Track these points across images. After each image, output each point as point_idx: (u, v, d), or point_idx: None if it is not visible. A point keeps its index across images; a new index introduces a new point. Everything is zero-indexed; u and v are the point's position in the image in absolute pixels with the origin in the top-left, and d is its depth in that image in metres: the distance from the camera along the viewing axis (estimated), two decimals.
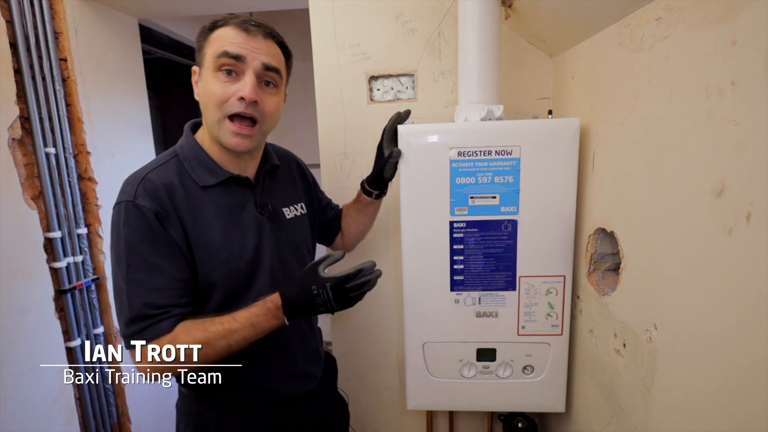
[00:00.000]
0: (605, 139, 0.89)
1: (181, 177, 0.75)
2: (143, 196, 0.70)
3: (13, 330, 1.10)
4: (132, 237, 0.69)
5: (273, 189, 0.88)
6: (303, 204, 0.95)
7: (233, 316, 0.71)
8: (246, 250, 0.78)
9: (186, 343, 0.69)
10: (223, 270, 0.75)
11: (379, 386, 1.39)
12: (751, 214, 0.51)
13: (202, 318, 0.72)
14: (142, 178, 0.72)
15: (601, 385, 0.94)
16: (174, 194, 0.73)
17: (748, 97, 0.51)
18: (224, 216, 0.77)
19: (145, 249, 0.69)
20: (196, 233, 0.74)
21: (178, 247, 0.72)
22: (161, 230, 0.70)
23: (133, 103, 1.59)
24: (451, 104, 1.20)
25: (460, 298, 1.06)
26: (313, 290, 0.71)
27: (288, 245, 0.86)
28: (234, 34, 0.71)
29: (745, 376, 0.52)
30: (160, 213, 0.70)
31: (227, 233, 0.76)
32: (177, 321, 0.71)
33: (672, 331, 0.67)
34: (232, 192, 0.79)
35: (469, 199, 1.01)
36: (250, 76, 0.71)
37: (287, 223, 0.88)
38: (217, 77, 0.71)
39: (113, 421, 1.44)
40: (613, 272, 0.95)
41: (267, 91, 0.75)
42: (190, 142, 0.79)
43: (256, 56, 0.72)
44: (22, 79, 1.15)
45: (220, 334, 0.70)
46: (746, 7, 0.51)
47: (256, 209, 0.81)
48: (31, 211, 1.17)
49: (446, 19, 1.16)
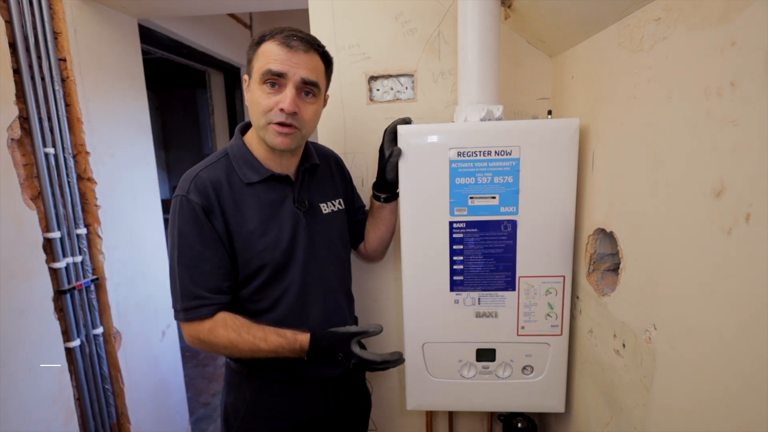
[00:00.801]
0: (605, 139, 0.89)
1: (229, 174, 0.85)
2: (194, 191, 0.81)
3: (13, 330, 1.10)
4: (183, 227, 0.81)
5: (312, 185, 0.96)
6: (341, 200, 1.02)
7: (266, 337, 0.82)
8: (281, 241, 0.86)
9: (220, 337, 0.81)
10: (260, 258, 0.85)
11: (378, 386, 1.39)
12: (750, 214, 0.51)
13: (242, 320, 0.83)
14: (195, 175, 0.83)
15: (600, 385, 0.94)
16: (220, 190, 0.83)
17: (747, 97, 0.51)
18: (264, 210, 0.86)
19: (194, 238, 0.81)
20: (237, 225, 0.84)
21: (221, 238, 0.82)
22: (207, 223, 0.81)
23: (133, 103, 1.59)
24: (450, 104, 1.20)
25: (460, 298, 1.06)
26: (339, 356, 0.82)
27: (323, 238, 0.94)
28: (277, 50, 0.79)
29: (745, 377, 0.52)
30: (207, 207, 0.81)
31: (265, 225, 0.85)
32: (217, 309, 0.83)
33: (671, 331, 0.67)
34: (273, 188, 0.88)
35: (469, 200, 1.01)
36: (291, 90, 0.79)
37: (324, 218, 0.95)
38: (262, 89, 0.80)
39: (112, 422, 1.44)
40: (612, 272, 0.96)
41: (306, 100, 0.83)
42: (239, 143, 0.89)
43: (296, 71, 0.80)
44: (21, 79, 1.15)
45: (248, 346, 0.81)
46: (746, 7, 0.51)
47: (293, 204, 0.89)
48: (31, 211, 1.17)
49: (446, 19, 1.16)
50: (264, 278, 0.87)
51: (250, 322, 0.84)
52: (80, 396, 1.32)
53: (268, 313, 0.89)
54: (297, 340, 0.83)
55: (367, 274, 1.31)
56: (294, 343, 0.82)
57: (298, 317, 0.90)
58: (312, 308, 0.92)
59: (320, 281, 0.93)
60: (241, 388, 0.93)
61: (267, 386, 0.93)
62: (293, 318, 0.89)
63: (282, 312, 0.89)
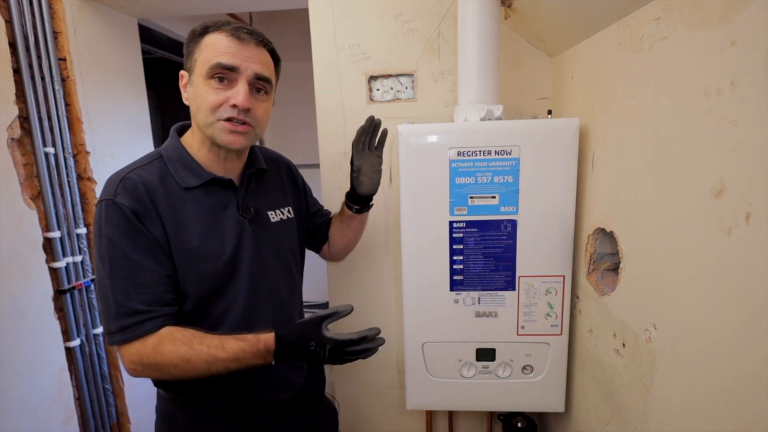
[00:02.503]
0: (605, 139, 0.89)
1: (164, 178, 0.76)
2: (123, 194, 0.71)
3: (12, 330, 1.10)
4: (113, 234, 0.70)
5: (259, 192, 0.87)
6: (290, 208, 0.93)
7: (222, 344, 0.70)
8: (224, 252, 0.77)
9: (169, 354, 0.69)
10: (200, 270, 0.75)
11: (378, 386, 1.39)
12: (750, 214, 0.51)
13: (192, 331, 0.72)
14: (122, 177, 0.73)
15: (600, 384, 0.94)
16: (155, 194, 0.73)
17: (747, 97, 0.51)
18: (204, 217, 0.77)
19: (126, 246, 0.70)
20: (175, 233, 0.74)
21: (159, 243, 0.72)
22: (141, 227, 0.71)
23: (133, 103, 1.59)
24: (450, 104, 1.20)
25: (460, 297, 1.06)
26: (311, 346, 0.71)
27: (271, 248, 0.85)
28: (226, 42, 0.71)
29: (745, 376, 0.53)
30: (140, 211, 0.71)
31: (206, 234, 0.76)
32: (163, 323, 0.71)
33: (671, 331, 0.67)
34: (214, 194, 0.79)
35: (469, 199, 1.01)
36: (243, 85, 0.72)
37: (272, 227, 0.86)
38: (209, 84, 0.72)
39: (112, 422, 1.44)
40: (612, 272, 0.96)
41: (258, 98, 0.76)
42: (175, 144, 0.80)
43: (249, 65, 0.72)
44: (21, 78, 1.15)
45: (203, 358, 0.69)
46: (745, 7, 0.51)
47: (237, 211, 0.80)
48: (31, 211, 1.17)
49: (446, 19, 1.16)
50: (205, 292, 0.76)
51: (201, 332, 0.72)
52: (80, 396, 1.32)
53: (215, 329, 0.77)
54: (260, 340, 0.71)
55: (367, 274, 1.31)
56: (257, 344, 0.71)
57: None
58: (259, 324, 0.80)
59: (269, 295, 0.83)
60: (175, 418, 0.82)
61: (204, 416, 0.81)
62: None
63: (229, 327, 0.78)
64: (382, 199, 1.26)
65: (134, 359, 0.70)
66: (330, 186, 1.28)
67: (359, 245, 1.30)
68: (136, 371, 0.71)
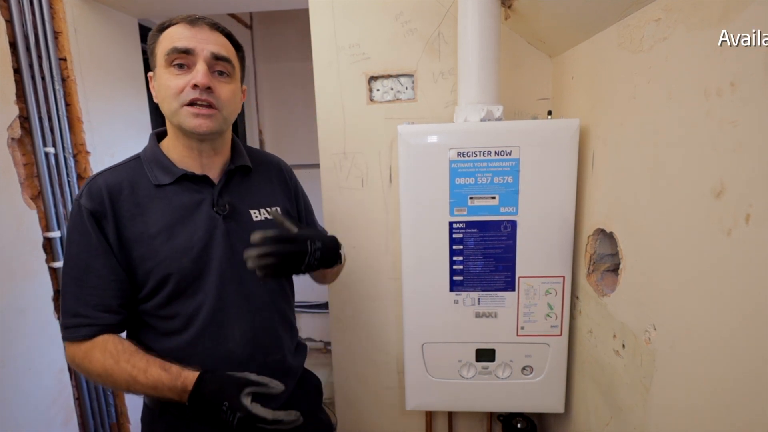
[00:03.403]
0: (605, 139, 0.89)
1: (136, 178, 0.77)
2: (86, 196, 0.73)
3: (12, 330, 1.10)
4: (72, 234, 0.73)
5: (241, 189, 0.84)
6: (278, 208, 0.88)
7: (147, 368, 0.69)
8: (191, 248, 0.75)
9: (95, 362, 0.70)
10: (164, 267, 0.74)
11: (378, 386, 1.39)
12: (750, 215, 0.51)
13: (127, 346, 0.72)
14: (92, 179, 0.75)
15: (600, 385, 0.94)
16: (118, 194, 0.74)
17: (747, 98, 0.51)
18: (174, 213, 0.76)
19: (82, 246, 0.72)
20: (138, 231, 0.74)
21: (111, 247, 0.73)
22: (96, 230, 0.72)
23: (133, 103, 1.59)
24: (450, 105, 1.20)
25: (460, 298, 1.06)
26: (224, 406, 0.66)
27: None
28: (180, 30, 0.73)
29: (745, 377, 0.52)
30: (98, 212, 0.72)
31: (172, 230, 0.75)
32: (98, 331, 0.72)
33: (671, 332, 0.67)
34: (187, 190, 0.78)
35: (469, 200, 1.01)
36: (201, 65, 0.72)
37: (253, 225, 0.82)
38: (169, 71, 0.73)
39: (112, 421, 1.44)
40: (612, 273, 0.96)
41: (220, 79, 0.75)
42: (152, 145, 0.81)
43: (204, 46, 0.73)
44: (21, 78, 1.15)
45: (124, 377, 0.69)
46: (745, 8, 0.51)
47: (212, 207, 0.78)
48: (31, 210, 1.17)
49: (446, 19, 1.16)
50: (170, 291, 0.74)
51: (137, 349, 0.71)
52: (80, 396, 1.31)
53: (182, 333, 0.76)
54: (181, 376, 0.69)
55: (367, 274, 1.31)
56: (176, 380, 0.68)
57: (215, 338, 0.77)
58: (233, 328, 0.78)
59: (243, 297, 0.80)
60: (153, 426, 0.81)
61: (183, 426, 0.78)
62: (209, 339, 0.77)
63: (196, 331, 0.76)
64: (382, 199, 1.27)
65: (69, 358, 0.74)
66: (330, 186, 1.28)
67: (359, 245, 1.30)
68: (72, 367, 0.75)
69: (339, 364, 1.40)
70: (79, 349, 0.72)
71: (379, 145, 1.23)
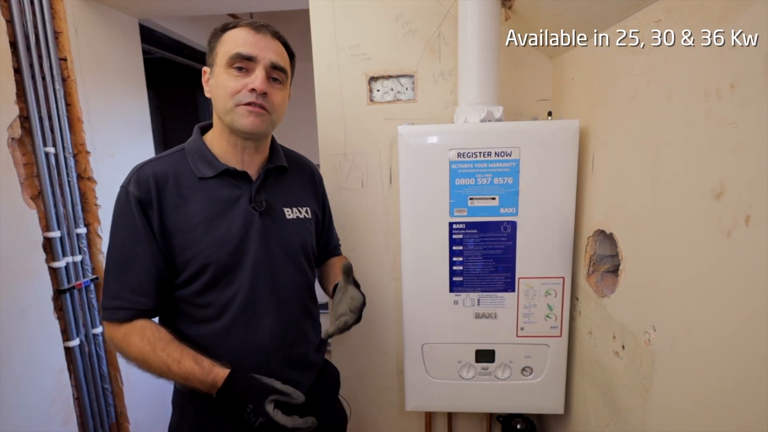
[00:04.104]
0: (605, 140, 0.89)
1: (180, 169, 0.81)
2: (134, 183, 0.76)
3: (12, 330, 1.10)
4: (118, 220, 0.77)
5: (277, 187, 0.89)
6: (308, 209, 0.93)
7: (180, 359, 0.73)
8: (229, 241, 0.80)
9: (133, 346, 0.75)
10: (204, 257, 0.78)
11: (378, 387, 1.39)
12: (750, 216, 0.51)
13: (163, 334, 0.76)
14: (139, 167, 0.79)
15: (599, 386, 0.94)
16: (164, 184, 0.78)
17: (747, 99, 0.51)
18: (214, 206, 0.80)
19: (127, 232, 0.76)
20: (181, 221, 0.78)
21: (155, 235, 0.77)
22: (142, 217, 0.76)
23: (133, 103, 1.59)
24: (450, 105, 1.20)
25: (459, 299, 1.06)
26: (248, 407, 0.71)
27: (281, 244, 0.86)
28: (245, 34, 0.77)
29: (744, 378, 0.52)
30: (145, 200, 0.76)
31: (212, 222, 0.79)
32: (135, 315, 0.76)
33: (671, 333, 0.67)
34: (228, 185, 0.82)
35: (469, 200, 1.01)
36: (261, 71, 0.77)
37: (286, 223, 0.88)
38: (229, 73, 0.77)
39: (111, 421, 1.44)
40: (612, 274, 0.95)
41: (274, 85, 0.80)
42: (197, 138, 0.85)
43: (266, 54, 0.78)
44: (21, 78, 1.15)
45: (159, 364, 0.74)
46: (745, 9, 0.51)
47: (249, 203, 0.83)
48: (31, 210, 1.17)
49: (446, 20, 1.16)
50: (206, 280, 0.79)
51: (172, 338, 0.75)
52: (79, 395, 1.31)
53: (215, 322, 0.80)
54: (212, 372, 0.73)
55: (367, 275, 1.31)
56: (208, 375, 0.73)
57: (246, 328, 0.81)
58: (263, 319, 0.82)
59: (273, 290, 0.84)
60: (184, 409, 0.84)
61: (210, 410, 0.81)
62: (241, 328, 0.81)
63: (229, 320, 0.80)
64: (382, 200, 1.27)
65: (108, 336, 0.78)
66: (330, 186, 1.28)
67: (359, 246, 1.30)
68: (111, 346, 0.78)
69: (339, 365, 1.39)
70: (118, 330, 0.76)
71: (379, 146, 1.23)
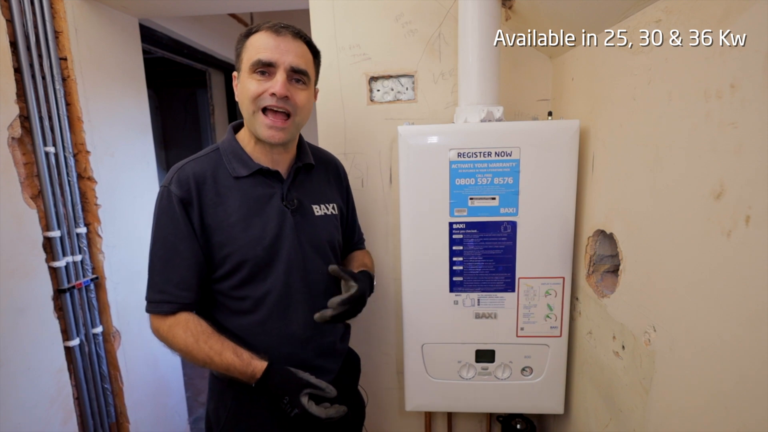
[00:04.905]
0: (605, 140, 0.89)
1: (217, 168, 0.85)
2: (176, 183, 0.81)
3: (12, 329, 1.10)
4: (162, 218, 0.81)
5: (305, 185, 0.93)
6: (335, 205, 0.97)
7: (221, 351, 0.79)
8: (265, 237, 0.84)
9: (178, 338, 0.80)
10: (241, 254, 0.82)
11: (377, 387, 1.39)
12: (750, 217, 0.51)
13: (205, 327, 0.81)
14: (180, 167, 0.83)
15: (599, 386, 0.94)
16: (203, 184, 0.82)
17: (747, 100, 0.51)
18: (250, 204, 0.84)
19: (170, 229, 0.80)
20: (219, 218, 0.82)
21: (195, 232, 0.81)
22: (184, 215, 0.80)
23: (133, 103, 1.59)
24: (450, 105, 1.20)
25: (459, 299, 1.06)
26: (285, 399, 0.78)
27: (311, 240, 0.90)
28: (265, 38, 0.80)
29: (744, 379, 0.52)
30: (186, 199, 0.80)
31: (249, 220, 0.84)
32: (179, 308, 0.81)
33: (671, 333, 0.67)
34: (261, 183, 0.86)
35: (469, 200, 1.01)
36: (281, 75, 0.80)
37: (315, 219, 0.92)
38: (252, 77, 0.80)
39: (111, 421, 1.44)
40: (612, 274, 0.96)
41: (297, 86, 0.83)
42: (230, 138, 0.88)
43: (286, 58, 0.80)
44: (21, 78, 1.15)
45: (202, 356, 0.79)
46: (745, 9, 0.51)
47: (282, 201, 0.87)
48: (31, 210, 1.17)
49: (446, 20, 1.16)
50: (244, 275, 0.83)
51: (213, 330, 0.81)
52: (79, 395, 1.31)
53: (251, 315, 0.85)
54: (251, 365, 0.79)
55: None
56: (247, 367, 0.78)
57: (280, 320, 0.86)
58: (297, 312, 0.87)
59: (305, 284, 0.88)
60: (223, 395, 0.89)
61: (249, 393, 0.86)
62: (276, 321, 0.86)
63: (264, 314, 0.85)
64: (382, 200, 1.27)
65: (153, 329, 0.82)
66: None
67: None
68: (157, 337, 0.83)
69: None
70: (163, 323, 0.81)
71: (380, 146, 1.23)
